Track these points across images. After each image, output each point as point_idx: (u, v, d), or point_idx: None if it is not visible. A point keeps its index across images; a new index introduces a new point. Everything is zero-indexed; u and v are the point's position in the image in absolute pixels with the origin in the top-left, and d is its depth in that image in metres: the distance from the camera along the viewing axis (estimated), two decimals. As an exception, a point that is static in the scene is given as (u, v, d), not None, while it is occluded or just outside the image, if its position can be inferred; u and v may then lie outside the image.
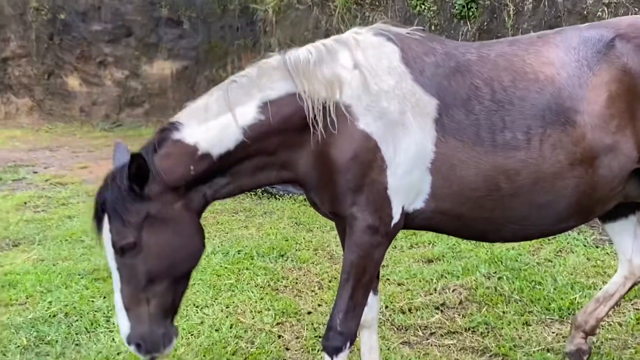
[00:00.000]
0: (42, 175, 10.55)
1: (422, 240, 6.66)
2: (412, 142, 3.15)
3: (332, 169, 3.11)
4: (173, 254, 3.02)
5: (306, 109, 3.07)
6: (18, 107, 17.70)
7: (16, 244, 6.92)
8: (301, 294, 5.46)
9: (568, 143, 3.20)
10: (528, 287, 5.28)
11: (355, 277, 3.19)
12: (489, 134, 3.20)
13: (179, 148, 3.04)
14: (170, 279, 3.04)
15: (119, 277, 2.99)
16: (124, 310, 2.98)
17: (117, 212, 2.90)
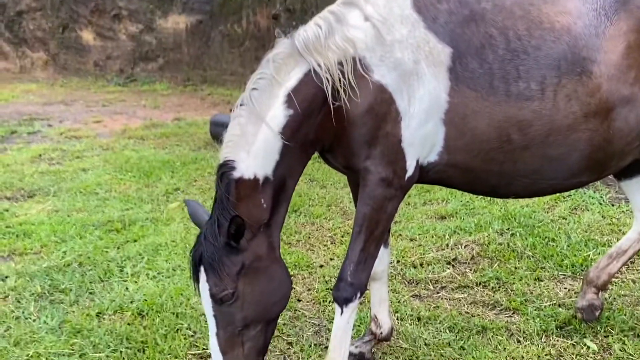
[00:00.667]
0: (56, 128, 10.57)
1: (435, 197, 6.63)
2: (426, 92, 3.10)
3: (347, 122, 3.07)
4: (267, 299, 3.06)
5: (325, 84, 2.99)
6: (33, 61, 17.69)
7: (31, 195, 6.97)
8: (313, 248, 5.47)
9: (583, 94, 3.15)
10: (541, 244, 5.25)
11: (368, 229, 3.17)
12: (503, 84, 3.15)
13: (245, 188, 2.98)
14: (265, 322, 3.09)
15: (215, 323, 3.00)
16: (220, 354, 3.00)
17: (214, 267, 2.92)
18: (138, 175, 7.69)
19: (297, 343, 3.98)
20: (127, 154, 8.76)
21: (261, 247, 3.02)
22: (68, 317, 4.24)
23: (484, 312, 4.29)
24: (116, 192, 7.02)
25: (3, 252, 5.35)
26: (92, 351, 3.85)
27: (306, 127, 3.06)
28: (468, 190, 3.63)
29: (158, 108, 12.76)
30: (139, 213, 6.27)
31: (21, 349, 3.87)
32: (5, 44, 17.86)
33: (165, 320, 4.19)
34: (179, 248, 5.36)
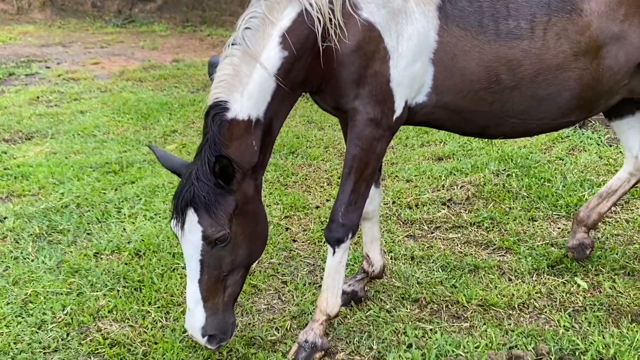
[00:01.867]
0: (54, 70, 10.49)
1: (433, 139, 6.62)
2: (415, 31, 3.06)
3: (335, 62, 3.04)
4: (253, 242, 3.07)
5: (316, 24, 2.93)
6: (30, 2, 17.44)
7: (29, 137, 6.97)
8: (310, 189, 5.49)
9: (573, 32, 3.13)
10: (536, 184, 5.27)
11: (358, 170, 3.17)
12: (492, 22, 3.12)
13: (238, 129, 2.94)
14: (246, 267, 3.11)
15: (199, 269, 2.97)
16: (201, 302, 2.98)
17: (209, 207, 2.88)
18: (136, 117, 7.67)
19: (292, 282, 4.04)
20: (125, 96, 8.72)
21: (249, 189, 3.02)
22: (66, 257, 4.30)
23: (477, 252, 4.34)
24: (114, 134, 7.01)
25: (1, 193, 5.39)
26: (89, 290, 3.92)
27: (297, 69, 3.02)
28: (457, 131, 3.61)
29: (156, 49, 12.64)
30: (136, 155, 6.28)
31: (20, 287, 3.93)
32: (2, -15, 17.59)
33: (162, 260, 4.25)
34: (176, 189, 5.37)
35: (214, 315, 3.01)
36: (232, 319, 3.11)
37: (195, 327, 3.00)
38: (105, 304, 3.77)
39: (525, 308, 3.70)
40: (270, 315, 3.70)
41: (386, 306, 3.75)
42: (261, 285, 3.98)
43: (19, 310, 3.71)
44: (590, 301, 3.71)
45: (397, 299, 3.81)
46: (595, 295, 3.78)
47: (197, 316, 2.99)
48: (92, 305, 3.75)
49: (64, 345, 3.43)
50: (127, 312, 3.69)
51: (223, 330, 3.05)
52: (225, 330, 3.06)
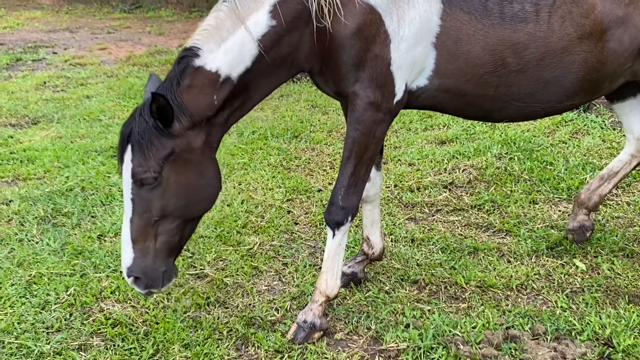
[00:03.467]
0: (61, 56, 10.55)
1: (436, 122, 6.63)
2: (417, 14, 3.06)
3: (335, 44, 3.04)
4: (191, 195, 2.99)
5: (310, 1, 2.93)
6: (37, -13, 17.48)
7: (35, 122, 7.03)
8: (312, 173, 5.52)
9: (577, 15, 3.13)
10: (539, 168, 5.28)
11: (357, 154, 3.18)
12: (497, 6, 3.12)
13: (202, 77, 2.91)
14: (183, 219, 3.02)
15: (131, 208, 2.95)
16: (130, 242, 2.96)
17: (142, 145, 2.83)
18: (142, 101, 7.68)
19: (292, 264, 4.07)
20: (131, 80, 8.76)
21: (197, 140, 2.94)
22: (70, 240, 4.35)
23: (477, 234, 4.36)
24: (119, 119, 7.05)
25: (7, 177, 5.45)
26: (92, 271, 3.97)
27: (288, 44, 3.01)
28: (461, 115, 3.60)
29: (163, 35, 12.66)
30: (141, 139, 6.30)
31: (24, 269, 3.99)
32: (9, -30, 17.63)
33: (165, 242, 4.28)
34: (179, 173, 5.42)
35: (143, 259, 2.96)
36: (165, 269, 3.02)
37: (122, 265, 3.00)
38: (108, 285, 3.82)
39: (523, 289, 3.72)
40: (270, 296, 3.74)
41: (385, 287, 3.78)
42: (262, 267, 4.02)
43: (23, 291, 3.76)
44: (588, 282, 3.73)
45: (396, 281, 3.84)
46: (594, 277, 3.80)
47: (125, 255, 2.97)
48: (95, 286, 3.81)
49: (67, 325, 3.48)
50: (130, 293, 3.73)
51: (151, 277, 2.99)
52: (154, 278, 3.00)
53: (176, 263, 3.96)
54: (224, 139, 6.18)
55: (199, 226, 4.46)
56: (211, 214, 4.66)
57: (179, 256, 3.20)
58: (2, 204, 4.91)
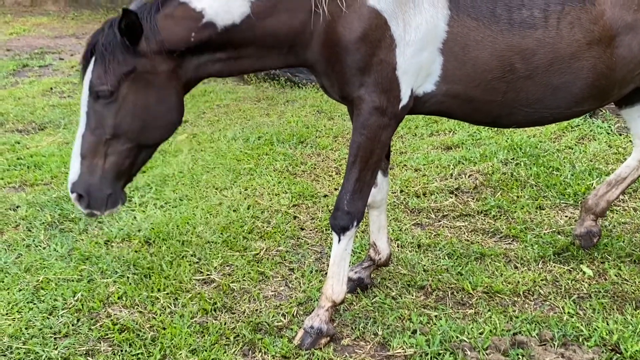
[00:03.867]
0: (67, 62, 10.58)
1: (442, 128, 6.63)
2: (423, 20, 3.06)
3: (340, 48, 3.05)
4: (147, 118, 2.94)
5: None
6: (44, -6, 17.54)
7: (42, 127, 7.06)
8: (318, 178, 5.53)
9: (586, 21, 3.12)
10: (545, 173, 5.27)
11: (363, 159, 3.19)
12: (506, 12, 3.11)
13: (184, 11, 2.91)
14: (135, 143, 2.97)
15: (85, 123, 2.92)
16: (79, 158, 2.92)
17: (104, 56, 2.83)
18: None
19: (299, 269, 4.08)
20: (136, 86, 8.76)
21: (163, 66, 2.92)
22: (77, 245, 4.36)
23: (484, 240, 4.36)
24: (125, 125, 7.07)
25: (15, 183, 5.46)
26: (100, 277, 3.98)
27: (286, 24, 3.01)
28: (469, 120, 3.60)
29: (169, 41, 12.69)
30: (147, 145, 6.33)
31: (32, 274, 4.00)
32: (16, -23, 17.71)
33: (171, 247, 4.30)
34: (186, 179, 5.44)
35: (89, 176, 2.92)
36: (110, 192, 2.97)
37: (68, 181, 2.98)
38: (115, 290, 3.83)
39: (530, 295, 3.72)
40: (277, 301, 3.74)
41: (392, 293, 3.78)
42: (268, 273, 4.02)
43: (31, 296, 3.77)
44: (595, 288, 3.72)
45: (402, 286, 3.84)
46: (601, 283, 3.80)
47: (72, 170, 2.95)
48: (102, 291, 3.81)
49: (74, 330, 3.48)
50: (137, 298, 3.74)
51: (95, 197, 2.95)
52: (97, 198, 2.96)
53: (183, 269, 4.00)
54: (230, 145, 6.24)
55: (206, 231, 4.49)
56: (217, 220, 4.68)
57: (128, 184, 3.14)
58: (9, 209, 4.92)
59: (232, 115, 7.48)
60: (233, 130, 6.77)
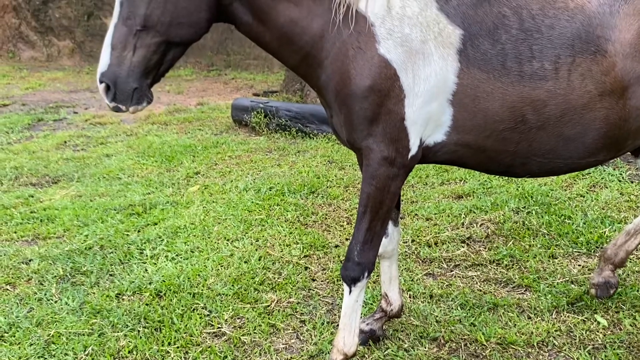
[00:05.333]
0: (82, 115, 10.74)
1: (453, 177, 6.64)
2: (432, 72, 3.10)
3: (349, 92, 3.08)
4: (175, 13, 3.01)
5: None
6: (59, 49, 17.93)
7: (55, 181, 7.13)
8: (330, 228, 5.53)
9: (598, 72, 3.11)
10: (557, 221, 5.25)
11: (372, 209, 3.20)
12: (516, 64, 3.12)
13: None
14: (164, 38, 3.02)
15: (118, 12, 3.00)
16: (109, 48, 2.98)
17: None
18: (160, 159, 7.81)
19: (310, 321, 4.05)
20: (150, 139, 8.89)
21: None
22: (88, 299, 4.36)
23: (496, 290, 4.32)
24: (138, 177, 7.14)
25: (27, 236, 5.50)
26: (110, 331, 3.96)
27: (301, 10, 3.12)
28: (483, 170, 3.59)
29: (182, 93, 12.89)
30: (159, 197, 6.38)
31: (43, 329, 3.99)
32: (32, 33, 18.13)
33: (182, 300, 4.29)
34: (197, 230, 5.46)
35: (117, 67, 2.96)
36: (136, 86, 3.01)
37: (98, 70, 3.00)
38: (125, 344, 3.81)
39: (545, 346, 3.67)
40: (288, 354, 3.71)
41: (404, 345, 3.74)
42: (279, 325, 4.00)
43: (42, 351, 3.76)
44: (610, 339, 3.67)
45: (415, 338, 3.80)
46: (616, 333, 3.74)
47: (102, 60, 2.97)
48: (113, 345, 3.80)
49: (84, 385, 3.47)
50: (147, 352, 3.72)
51: (121, 89, 2.98)
52: (123, 91, 2.99)
53: (194, 322, 3.98)
54: (242, 196, 6.27)
55: (217, 283, 4.48)
56: (229, 271, 4.67)
57: (155, 83, 3.15)
58: (22, 263, 4.95)
59: (244, 166, 7.54)
60: (244, 181, 6.81)
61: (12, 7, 18.20)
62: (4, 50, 18.52)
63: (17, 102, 12.05)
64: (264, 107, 9.25)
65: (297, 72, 3.37)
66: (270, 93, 11.93)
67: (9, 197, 6.44)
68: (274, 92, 11.87)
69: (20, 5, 18.13)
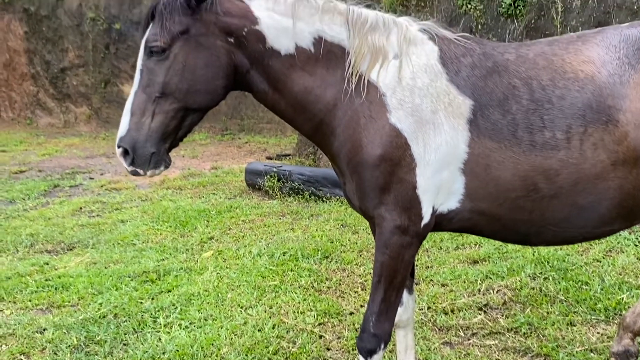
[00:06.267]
0: (97, 181, 10.86)
1: (468, 241, 6.61)
2: (443, 141, 3.12)
3: (360, 160, 3.12)
4: (194, 81, 3.11)
5: (348, 63, 3.16)
6: (77, 115, 18.26)
7: (70, 247, 7.16)
8: (344, 295, 5.49)
9: (610, 142, 3.10)
10: (574, 288, 5.19)
11: (387, 279, 3.18)
12: (527, 134, 3.13)
13: (244, 9, 3.18)
14: (182, 104, 3.12)
15: (138, 80, 3.11)
16: (129, 114, 3.07)
17: (162, 15, 3.05)
18: (174, 225, 7.85)
19: (326, 392, 3.99)
20: (164, 204, 8.95)
21: (218, 38, 3.13)
22: (102, 369, 4.33)
23: (515, 359, 4.24)
24: (152, 243, 7.16)
25: (42, 304, 5.50)
26: (123, 402, 3.92)
27: (319, 73, 3.22)
28: (499, 238, 3.56)
29: (196, 157, 13.03)
30: (173, 263, 6.38)
31: (55, 401, 3.96)
32: (50, 100, 18.52)
33: (196, 370, 4.25)
34: (211, 297, 5.43)
35: (136, 132, 3.04)
36: (154, 151, 3.08)
37: (117, 136, 3.08)
38: (138, 417, 3.76)
39: (566, 419, 3.58)
40: None
41: (422, 417, 3.66)
42: (294, 396, 3.94)
43: None
44: (634, 411, 3.58)
45: (433, 410, 3.73)
46: (640, 405, 3.65)
47: (122, 125, 3.05)
48: (126, 418, 3.75)
49: None
50: None
51: (139, 154, 3.06)
52: (141, 156, 3.07)
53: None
54: (255, 261, 6.26)
55: (230, 353, 4.43)
56: (242, 340, 4.63)
57: (173, 148, 3.23)
58: (36, 332, 4.93)
59: (257, 230, 7.55)
60: (258, 246, 6.81)
61: (30, 75, 18.65)
62: (22, 117, 18.90)
63: (34, 168, 12.22)
64: (277, 171, 9.32)
65: (311, 139, 3.43)
66: (283, 156, 12.04)
67: (25, 265, 6.47)
68: (287, 156, 11.97)
69: (39, 73, 18.58)
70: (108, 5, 17.48)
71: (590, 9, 8.02)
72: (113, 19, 17.41)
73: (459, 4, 9.56)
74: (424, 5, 10.06)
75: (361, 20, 3.23)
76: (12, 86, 18.99)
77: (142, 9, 16.84)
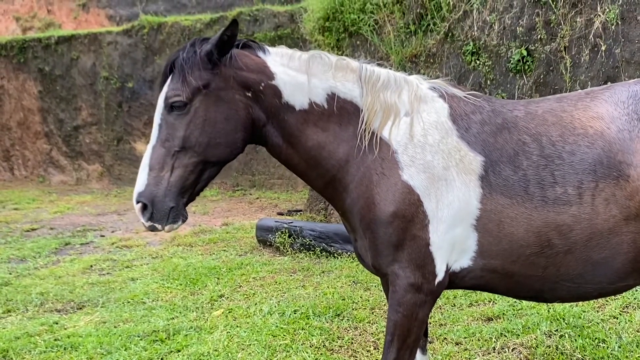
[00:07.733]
0: (108, 238, 10.87)
1: (481, 298, 6.51)
2: (455, 198, 3.12)
3: (373, 217, 3.11)
4: (214, 135, 3.12)
5: (361, 119, 3.20)
6: (89, 172, 18.41)
7: (80, 306, 7.11)
8: (356, 354, 5.39)
9: (622, 197, 3.09)
10: (591, 345, 5.07)
11: (400, 338, 3.14)
12: (539, 189, 3.13)
13: (261, 64, 3.24)
14: (201, 158, 3.13)
15: (157, 135, 3.11)
16: (147, 168, 3.07)
17: (183, 69, 3.07)
18: (184, 282, 7.80)
19: None
20: (175, 261, 8.91)
21: (237, 93, 3.15)
22: None
23: (533, 421, 4.13)
24: (162, 301, 7.10)
25: (50, 365, 5.43)
26: None
27: (330, 129, 3.27)
28: (512, 295, 3.51)
29: (207, 214, 13.04)
30: (183, 322, 6.32)
31: None
32: (63, 158, 18.71)
33: None
34: (221, 357, 5.35)
35: (155, 187, 3.03)
36: (173, 205, 3.07)
37: (135, 191, 3.07)
38: None
39: None
40: None
41: None
42: None
43: None
44: None
45: None
46: None
47: (139, 180, 3.04)
48: None
49: None
50: None
51: (158, 209, 3.05)
52: (160, 210, 3.05)
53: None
54: (266, 320, 6.18)
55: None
56: (253, 402, 4.54)
57: (190, 202, 3.24)
58: (43, 394, 4.86)
59: (268, 287, 7.48)
60: (269, 304, 6.73)
61: (44, 133, 18.90)
62: (34, 175, 19.07)
63: (46, 226, 12.26)
64: (289, 227, 9.29)
65: (324, 195, 3.43)
66: (294, 212, 12.03)
67: (34, 325, 6.42)
68: (298, 211, 11.96)
69: (52, 132, 18.83)
70: (121, 65, 17.81)
71: (599, 64, 8.06)
72: (126, 78, 17.72)
73: (467, 60, 9.66)
74: (432, 62, 10.16)
75: (373, 78, 3.28)
76: (26, 144, 19.23)
77: (154, 68, 17.16)
